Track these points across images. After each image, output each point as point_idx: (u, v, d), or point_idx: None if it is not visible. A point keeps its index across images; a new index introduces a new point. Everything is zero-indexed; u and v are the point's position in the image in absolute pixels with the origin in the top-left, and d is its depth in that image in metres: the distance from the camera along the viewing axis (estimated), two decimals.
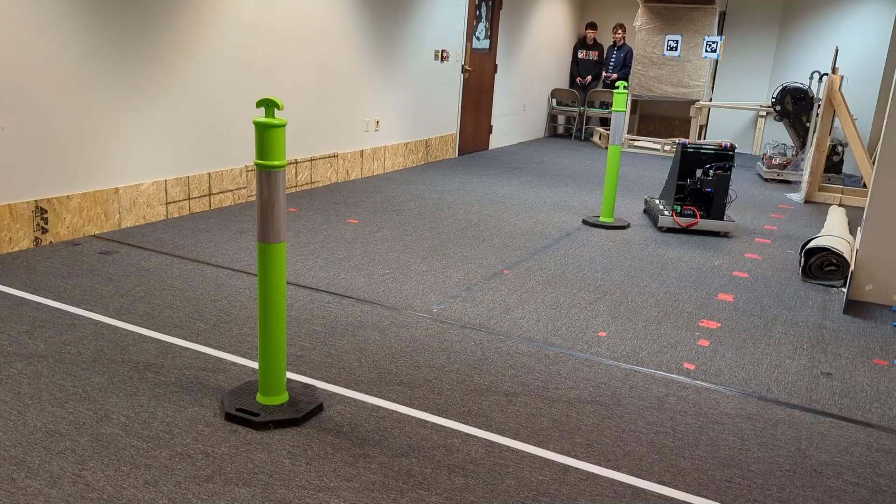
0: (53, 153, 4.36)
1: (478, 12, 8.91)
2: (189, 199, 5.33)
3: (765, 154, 8.95)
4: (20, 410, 2.54)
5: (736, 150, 5.52)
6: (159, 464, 2.29)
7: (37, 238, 4.33)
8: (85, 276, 3.90)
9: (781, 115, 8.80)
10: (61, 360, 2.94)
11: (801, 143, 8.72)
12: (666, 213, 5.88)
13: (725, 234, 5.80)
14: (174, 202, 5.21)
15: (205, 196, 5.46)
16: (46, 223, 4.36)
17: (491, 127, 9.79)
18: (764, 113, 10.63)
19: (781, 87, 8.72)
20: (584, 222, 5.92)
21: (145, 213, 5.00)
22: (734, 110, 10.94)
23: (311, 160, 6.48)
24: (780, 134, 10.60)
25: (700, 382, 3.15)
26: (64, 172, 4.43)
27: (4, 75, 4.02)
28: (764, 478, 2.46)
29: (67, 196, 4.46)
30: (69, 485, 2.16)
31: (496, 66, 9.56)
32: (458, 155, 9.10)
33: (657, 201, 6.31)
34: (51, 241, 4.41)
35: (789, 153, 8.92)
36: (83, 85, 4.45)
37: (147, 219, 5.03)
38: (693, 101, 10.16)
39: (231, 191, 5.69)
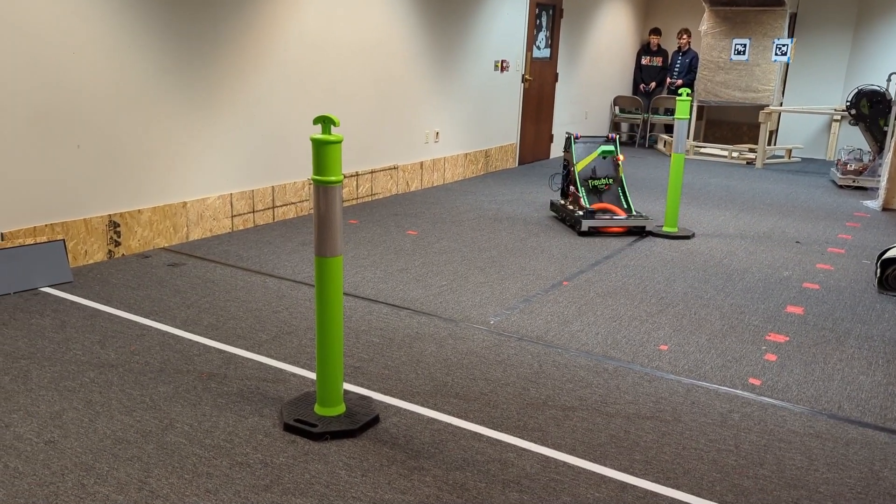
0: (125, 169, 4.55)
1: (538, 21, 8.88)
2: (253, 211, 5.47)
3: (839, 160, 8.61)
4: (91, 418, 2.65)
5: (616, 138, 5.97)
6: (220, 472, 2.35)
7: (110, 251, 4.52)
8: (154, 287, 4.05)
9: (857, 119, 8.45)
10: (130, 369, 3.05)
11: (879, 148, 8.35)
12: (580, 213, 5.73)
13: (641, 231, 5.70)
14: (239, 215, 5.36)
15: (268, 209, 5.60)
16: (119, 236, 4.55)
17: (552, 136, 9.73)
18: (838, 117, 10.24)
19: (857, 90, 8.38)
20: (648, 232, 5.81)
21: (212, 225, 5.16)
22: (806, 115, 10.57)
23: (372, 172, 6.57)
24: (855, 139, 10.18)
25: (766, 399, 3.04)
26: (135, 187, 4.62)
27: (80, 96, 4.22)
28: (833, 500, 2.36)
29: (139, 210, 4.64)
30: (135, 491, 2.24)
31: (557, 74, 9.50)
32: (519, 164, 9.07)
33: (562, 202, 6.15)
34: (123, 254, 4.59)
35: (865, 158, 8.55)
36: (152, 103, 4.63)
37: (213, 231, 5.18)
38: (762, 106, 9.86)
39: (294, 203, 5.82)
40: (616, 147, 6.01)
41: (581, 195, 5.76)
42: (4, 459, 2.36)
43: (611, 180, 5.90)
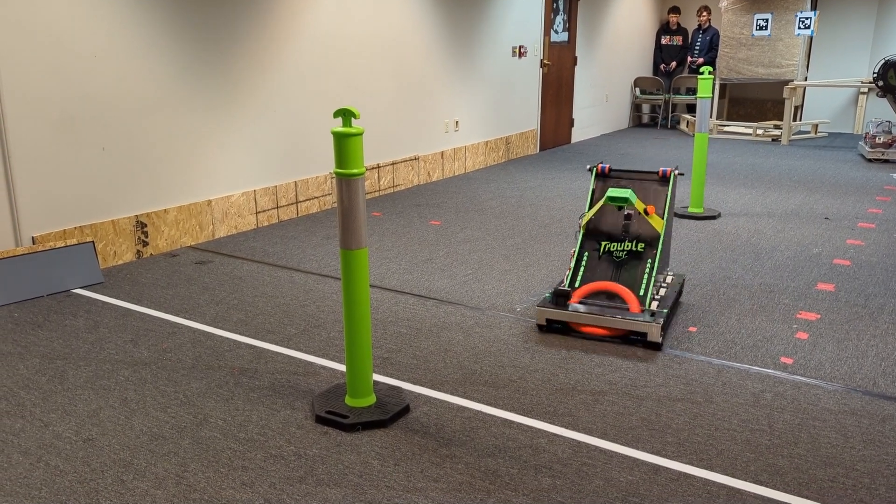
0: (150, 170, 4.60)
1: (555, 5, 8.81)
2: (277, 207, 5.51)
3: (867, 133, 8.45)
4: (127, 415, 2.70)
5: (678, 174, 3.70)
6: (255, 465, 2.39)
7: (138, 251, 4.58)
8: (183, 285, 4.10)
9: (885, 91, 8.28)
10: (163, 366, 3.10)
11: None
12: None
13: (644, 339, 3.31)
14: (263, 211, 5.41)
15: (292, 204, 5.64)
16: (147, 236, 4.61)
17: (572, 120, 9.66)
18: (865, 89, 10.04)
19: (884, 61, 8.21)
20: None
21: (237, 222, 5.21)
22: (832, 88, 10.38)
23: (393, 164, 6.58)
24: (883, 111, 9.98)
25: (798, 377, 3.01)
26: (161, 187, 4.67)
27: (104, 99, 4.28)
28: (871, 477, 2.33)
29: (165, 210, 4.69)
30: (173, 486, 2.28)
31: (575, 58, 9.42)
32: (540, 150, 9.03)
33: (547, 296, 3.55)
34: (151, 254, 4.66)
35: (895, 131, 8.38)
36: (174, 103, 4.68)
37: (238, 228, 5.23)
38: (786, 82, 9.70)
39: (317, 198, 5.85)
40: (671, 184, 3.62)
41: (572, 265, 3.63)
42: (45, 458, 2.42)
43: (640, 246, 3.56)
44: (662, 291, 3.55)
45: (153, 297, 3.92)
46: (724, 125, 10.41)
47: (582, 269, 3.63)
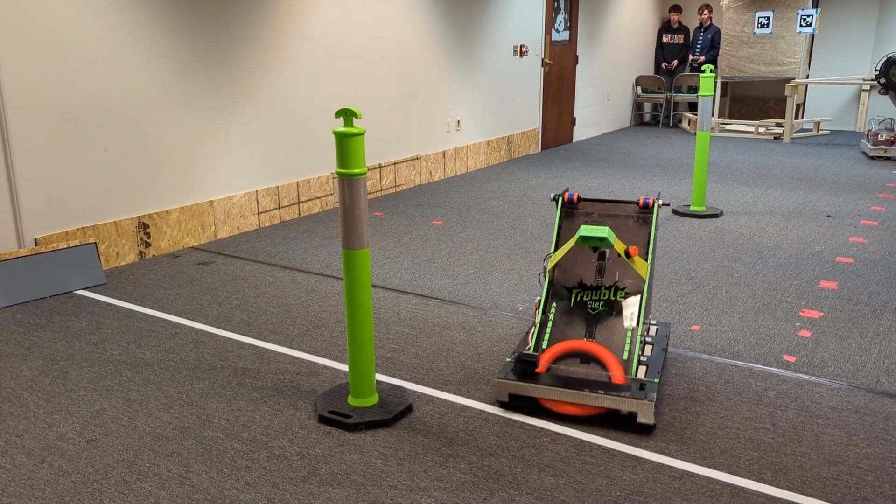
0: (152, 171, 4.61)
1: (556, 4, 8.80)
2: (279, 207, 5.52)
3: (870, 130, 8.43)
4: (130, 416, 2.70)
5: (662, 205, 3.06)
6: (258, 465, 2.39)
7: (141, 252, 4.59)
8: (185, 286, 4.10)
9: (887, 88, 8.27)
10: (166, 367, 3.10)
11: None
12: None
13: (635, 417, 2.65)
14: (265, 212, 5.41)
15: (294, 204, 5.64)
16: (149, 237, 4.61)
17: (574, 119, 9.66)
18: (867, 87, 10.02)
19: (886, 58, 8.20)
20: (675, 212, 5.76)
21: (239, 223, 5.21)
22: (834, 86, 10.36)
23: (395, 164, 6.58)
24: (885, 108, 9.96)
25: (802, 375, 3.00)
26: (162, 188, 4.68)
27: (106, 100, 4.28)
28: (874, 475, 2.32)
29: (167, 211, 4.70)
30: (176, 486, 2.28)
31: (577, 57, 9.42)
32: (541, 150, 9.02)
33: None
34: (153, 255, 4.66)
35: None
36: (175, 104, 4.68)
37: (240, 229, 5.24)
38: (788, 80, 9.69)
39: (319, 198, 5.86)
40: (654, 217, 2.98)
41: (537, 320, 2.90)
42: (49, 459, 2.42)
43: (620, 295, 2.89)
44: (649, 350, 2.91)
45: (156, 297, 3.92)
46: (726, 123, 10.40)
47: (550, 324, 2.89)
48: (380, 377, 3.00)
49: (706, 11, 10.71)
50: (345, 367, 3.10)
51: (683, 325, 3.53)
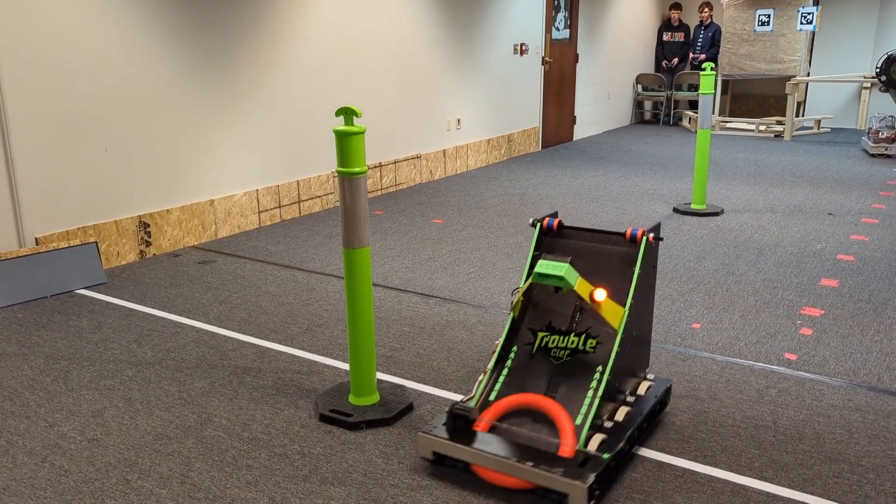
0: (152, 170, 4.60)
1: (556, 2, 8.80)
2: (280, 206, 5.52)
3: (870, 128, 8.43)
4: (131, 415, 2.70)
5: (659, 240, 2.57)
6: (259, 464, 2.39)
7: (141, 251, 4.59)
8: (186, 285, 4.10)
9: (887, 86, 8.27)
10: (167, 366, 3.11)
11: None
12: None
13: None
14: (266, 211, 5.41)
15: (294, 203, 5.64)
16: (150, 236, 4.61)
17: (574, 118, 9.65)
18: (868, 84, 10.01)
19: (887, 56, 8.19)
20: (675, 210, 5.75)
21: (239, 222, 5.21)
22: (835, 84, 10.35)
23: (395, 162, 6.58)
24: (886, 106, 9.96)
25: (803, 373, 3.00)
26: (163, 187, 4.68)
27: (105, 99, 4.28)
28: (875, 472, 2.32)
29: (167, 210, 4.70)
30: (177, 485, 2.28)
31: (577, 55, 9.41)
32: (542, 148, 9.02)
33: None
34: (154, 254, 4.66)
35: None
36: (175, 103, 4.68)
37: (241, 228, 5.24)
38: (789, 78, 9.68)
39: (319, 197, 5.85)
40: (641, 253, 2.42)
41: (490, 364, 2.50)
42: (50, 458, 2.42)
43: (591, 345, 2.42)
44: (622, 414, 2.37)
45: (156, 297, 3.92)
46: (727, 121, 10.40)
47: (506, 370, 2.46)
48: (380, 376, 3.00)
49: (707, 9, 10.70)
50: (345, 366, 3.10)
51: (684, 323, 3.53)
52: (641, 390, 2.53)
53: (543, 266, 2.30)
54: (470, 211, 5.81)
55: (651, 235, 2.45)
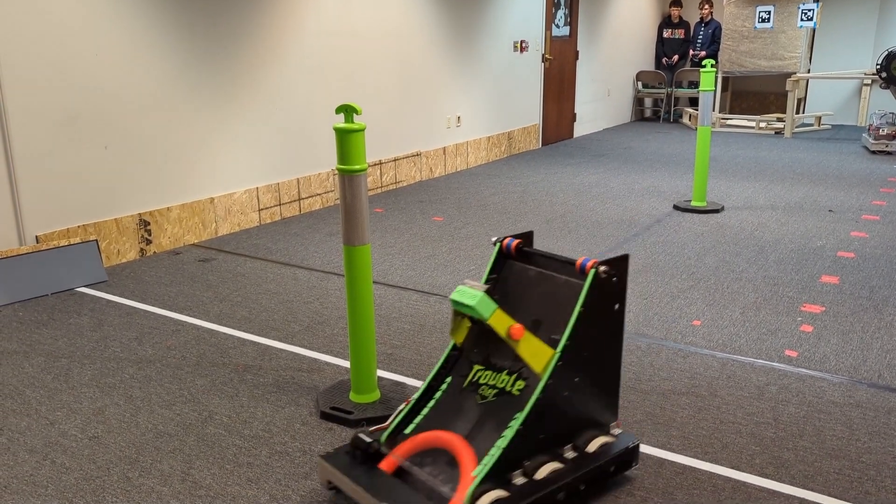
0: (152, 168, 4.60)
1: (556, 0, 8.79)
2: (280, 204, 5.51)
3: (871, 124, 8.42)
4: (132, 413, 2.71)
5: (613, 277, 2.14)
6: (260, 462, 2.39)
7: (142, 249, 4.59)
8: (187, 283, 4.10)
9: (888, 83, 8.26)
10: (168, 364, 3.11)
11: None
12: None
13: None
14: (266, 208, 5.41)
15: (294, 201, 5.64)
16: (150, 234, 4.61)
17: (574, 115, 9.64)
18: (869, 81, 10.00)
19: (887, 52, 8.19)
20: (675, 207, 5.75)
21: (239, 220, 5.21)
22: (835, 80, 10.34)
23: (395, 160, 6.57)
24: (887, 102, 9.95)
25: (803, 370, 3.00)
26: (163, 186, 4.68)
27: (105, 97, 4.28)
28: (876, 469, 2.32)
29: (168, 208, 4.70)
30: (178, 483, 2.28)
31: (577, 52, 9.40)
32: (542, 145, 9.01)
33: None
34: (154, 252, 4.66)
35: None
36: (176, 101, 4.68)
37: (241, 226, 5.24)
38: (789, 74, 9.67)
39: (319, 194, 5.85)
40: (586, 287, 2.06)
41: (416, 395, 2.25)
42: (51, 456, 2.42)
43: (518, 387, 2.12)
44: (546, 471, 2.04)
45: (157, 294, 3.92)
46: (727, 118, 10.39)
47: (433, 402, 2.23)
48: (381, 373, 3.00)
49: (707, 6, 10.69)
50: (346, 364, 3.10)
51: (685, 320, 3.53)
52: (592, 447, 2.17)
53: (458, 293, 2.05)
54: (470, 208, 5.81)
55: (602, 268, 2.05)
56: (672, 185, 6.64)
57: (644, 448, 2.45)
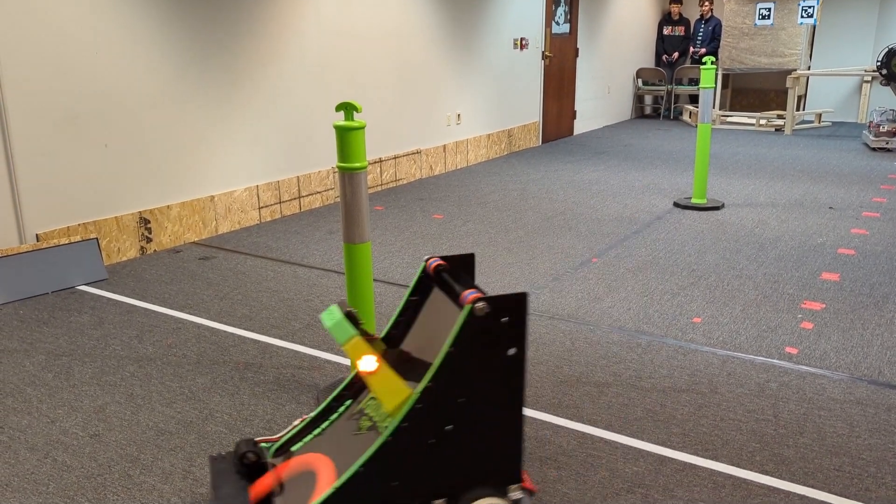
0: (153, 166, 4.60)
1: None
2: (280, 202, 5.51)
3: (871, 121, 8.42)
4: (133, 411, 2.71)
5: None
6: None
7: (142, 247, 4.59)
8: (187, 281, 4.11)
9: (888, 80, 8.25)
10: (168, 362, 3.11)
11: None
12: None
13: None
14: (266, 206, 5.41)
15: (295, 199, 5.64)
16: (150, 233, 4.61)
17: (575, 112, 9.64)
18: (869, 78, 10.00)
19: (887, 49, 8.18)
20: (676, 205, 5.75)
21: (240, 218, 5.21)
22: (835, 77, 10.33)
23: (395, 158, 6.57)
24: (887, 99, 9.94)
25: (804, 367, 3.00)
26: (163, 184, 4.68)
27: (105, 95, 4.28)
28: (876, 466, 2.33)
29: (168, 206, 4.70)
30: (179, 480, 2.29)
31: (577, 49, 9.39)
32: (542, 143, 9.01)
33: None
34: (154, 250, 4.66)
35: None
36: (176, 99, 4.67)
37: (242, 224, 5.24)
38: (789, 71, 9.67)
39: (319, 192, 5.85)
40: (460, 323, 1.75)
41: (312, 414, 2.14)
42: (52, 454, 2.43)
43: (384, 424, 1.90)
44: None
45: (157, 293, 3.93)
46: (727, 115, 10.38)
47: (326, 423, 2.09)
48: None
49: (707, 3, 10.67)
50: (346, 362, 3.10)
51: (685, 317, 3.53)
52: None
53: (327, 312, 1.95)
54: (470, 206, 5.81)
55: (479, 305, 1.73)
56: (672, 182, 6.64)
57: (643, 445, 2.45)
